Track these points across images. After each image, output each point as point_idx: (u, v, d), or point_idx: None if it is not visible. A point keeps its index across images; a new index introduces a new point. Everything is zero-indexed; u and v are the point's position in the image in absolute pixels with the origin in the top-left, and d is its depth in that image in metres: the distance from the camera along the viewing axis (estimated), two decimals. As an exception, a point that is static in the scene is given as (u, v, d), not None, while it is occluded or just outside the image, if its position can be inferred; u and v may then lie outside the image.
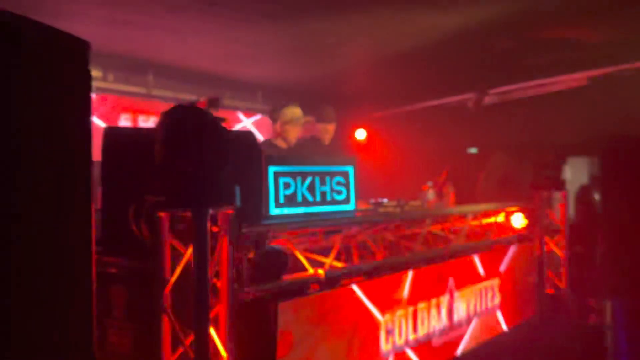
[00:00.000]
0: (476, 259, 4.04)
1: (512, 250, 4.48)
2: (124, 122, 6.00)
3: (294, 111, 4.38)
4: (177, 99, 6.48)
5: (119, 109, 6.06)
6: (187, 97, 6.63)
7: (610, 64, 5.42)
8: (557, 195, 5.22)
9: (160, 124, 2.02)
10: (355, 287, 2.94)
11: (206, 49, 5.46)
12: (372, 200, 4.24)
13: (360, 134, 8.15)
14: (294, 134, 4.40)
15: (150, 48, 5.44)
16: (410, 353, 3.35)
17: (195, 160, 1.97)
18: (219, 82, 6.83)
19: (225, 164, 2.09)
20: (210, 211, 2.02)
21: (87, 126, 1.59)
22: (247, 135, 2.74)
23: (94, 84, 5.92)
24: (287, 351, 2.47)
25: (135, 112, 6.13)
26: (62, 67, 1.51)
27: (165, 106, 5.16)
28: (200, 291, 1.95)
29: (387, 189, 6.02)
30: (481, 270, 4.09)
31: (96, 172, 2.34)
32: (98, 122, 5.78)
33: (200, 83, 6.74)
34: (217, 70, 6.44)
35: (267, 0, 4.04)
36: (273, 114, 4.46)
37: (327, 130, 5.16)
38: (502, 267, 4.37)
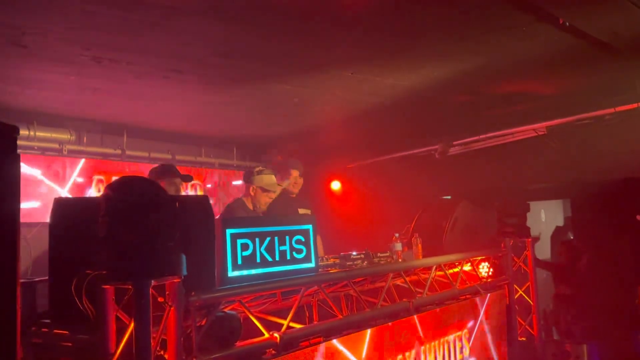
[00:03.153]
0: (443, 311, 4.07)
1: (480, 299, 4.52)
2: (96, 185, 6.04)
3: (270, 178, 4.49)
4: (151, 158, 6.59)
5: (92, 171, 6.12)
6: (162, 156, 6.75)
7: (567, 114, 5.65)
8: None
9: (104, 196, 2.08)
10: (322, 346, 2.94)
11: (176, 111, 5.60)
12: (342, 254, 4.29)
13: (335, 185, 8.29)
14: (266, 200, 4.51)
15: (121, 112, 5.58)
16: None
17: (137, 232, 2.02)
18: (194, 139, 6.97)
19: (171, 234, 2.14)
20: (153, 282, 2.05)
21: (15, 207, 1.65)
22: (201, 200, 2.80)
23: (68, 146, 6.01)
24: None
25: (109, 173, 6.19)
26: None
27: (140, 167, 5.21)
28: (142, 365, 1.96)
29: (361, 239, 6.08)
30: (449, 322, 4.11)
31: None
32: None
33: (174, 142, 6.87)
34: (190, 130, 6.58)
35: (229, 66, 4.21)
36: (248, 177, 4.56)
37: (298, 183, 5.27)
38: (471, 317, 4.39)
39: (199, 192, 7.15)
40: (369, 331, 3.31)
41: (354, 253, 4.32)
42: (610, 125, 5.51)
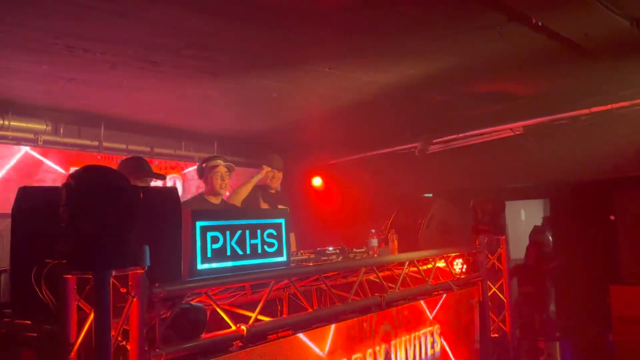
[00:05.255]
0: (414, 306, 4.10)
1: (452, 295, 4.56)
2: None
3: (215, 161, 4.56)
4: (129, 150, 6.54)
5: (68, 163, 6.06)
6: (140, 148, 6.70)
7: (543, 114, 5.72)
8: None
9: (65, 185, 2.06)
10: (295, 339, 2.94)
11: (154, 103, 5.56)
12: (318, 249, 4.31)
13: (317, 181, 8.30)
14: (218, 180, 4.53)
15: (98, 102, 5.52)
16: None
17: (97, 222, 2.01)
18: (173, 132, 6.92)
19: (132, 225, 2.13)
20: (114, 273, 2.04)
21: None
22: (169, 191, 2.78)
23: (43, 137, 5.95)
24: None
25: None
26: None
27: (117, 159, 5.14)
28: (101, 356, 1.95)
29: (341, 235, 6.10)
30: (420, 317, 4.14)
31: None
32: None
33: (153, 134, 6.81)
34: (170, 122, 6.54)
35: (205, 59, 4.19)
36: (201, 169, 4.59)
37: (276, 178, 5.28)
38: (443, 313, 4.43)
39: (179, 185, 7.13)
40: (333, 326, 3.31)
41: (330, 248, 4.35)
42: (586, 126, 5.60)
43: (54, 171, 5.95)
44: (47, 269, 2.08)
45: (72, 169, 6.05)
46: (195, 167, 5.42)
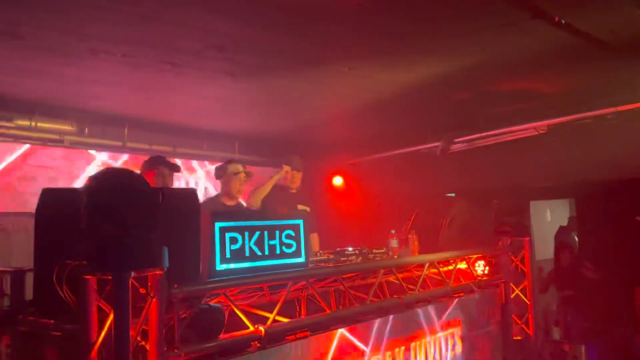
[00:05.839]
0: (435, 308, 4.06)
1: (474, 297, 4.50)
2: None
3: (235, 165, 4.65)
4: (152, 150, 6.62)
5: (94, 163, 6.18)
6: (163, 148, 6.78)
7: (568, 112, 5.60)
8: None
9: (85, 187, 2.10)
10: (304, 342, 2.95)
11: (176, 104, 5.62)
12: (337, 249, 4.30)
13: (337, 181, 8.28)
14: (236, 185, 4.63)
15: (121, 103, 5.61)
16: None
17: (117, 224, 2.04)
18: (195, 133, 6.98)
19: (152, 227, 2.15)
20: (133, 274, 2.07)
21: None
22: (188, 193, 2.81)
23: (69, 138, 6.07)
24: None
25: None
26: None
27: (141, 159, 5.24)
28: (120, 356, 1.98)
29: (361, 235, 6.09)
30: (441, 320, 4.10)
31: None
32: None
33: (176, 134, 6.89)
34: (191, 123, 6.60)
35: (226, 60, 4.21)
36: (219, 172, 4.65)
37: (295, 178, 5.29)
38: (464, 316, 4.37)
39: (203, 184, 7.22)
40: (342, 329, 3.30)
41: (350, 249, 4.33)
42: (612, 125, 5.46)
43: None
44: (67, 269, 2.12)
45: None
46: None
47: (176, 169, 4.36)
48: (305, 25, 3.62)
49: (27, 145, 5.65)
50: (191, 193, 2.86)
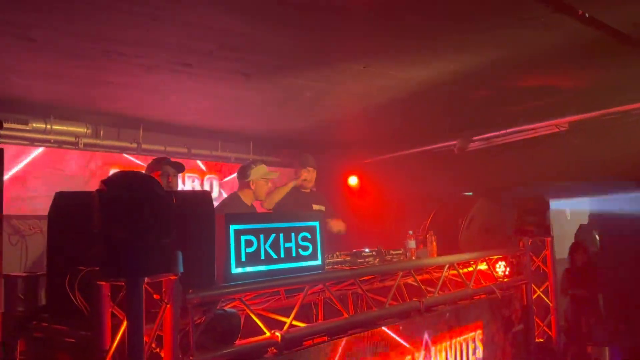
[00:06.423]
0: (454, 311, 3.96)
1: (495, 299, 4.39)
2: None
3: (264, 168, 4.59)
4: (167, 152, 6.61)
5: (108, 165, 6.17)
6: (177, 150, 6.77)
7: (591, 109, 5.45)
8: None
9: (98, 191, 2.05)
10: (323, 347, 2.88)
11: (189, 105, 5.59)
12: (354, 251, 4.22)
13: (353, 180, 8.20)
14: (265, 188, 4.58)
15: (136, 105, 5.59)
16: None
17: (130, 228, 1.98)
18: (210, 133, 6.96)
19: (165, 231, 2.10)
20: (146, 279, 2.02)
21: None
22: (202, 196, 2.76)
23: (84, 140, 6.08)
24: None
25: (124, 167, 6.22)
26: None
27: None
28: (133, 362, 1.93)
29: (377, 235, 5.99)
30: (460, 322, 4.00)
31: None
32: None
33: (190, 135, 6.88)
34: (205, 124, 6.57)
35: (239, 59, 4.16)
36: (245, 172, 4.56)
37: (311, 178, 5.21)
38: (485, 318, 4.27)
39: (215, 187, 7.17)
40: (381, 329, 3.22)
41: (366, 250, 4.24)
42: (636, 121, 5.30)
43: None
44: (80, 275, 2.07)
45: (113, 171, 6.24)
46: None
47: (181, 168, 4.34)
48: (321, 23, 3.56)
49: (42, 148, 5.67)
50: (205, 196, 2.80)
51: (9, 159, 5.27)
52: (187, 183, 6.85)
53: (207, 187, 7.04)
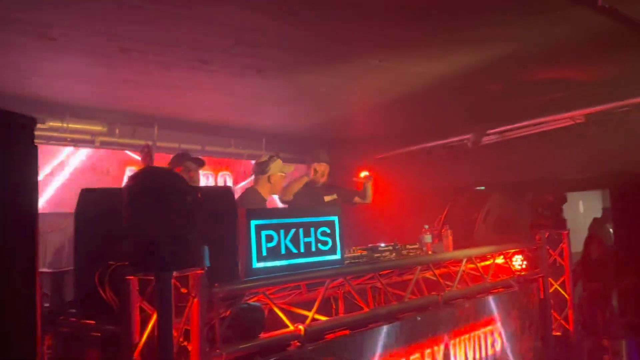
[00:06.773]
0: (474, 305, 3.97)
1: (512, 293, 4.39)
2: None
3: (280, 162, 4.58)
4: (181, 149, 6.64)
5: (124, 163, 6.23)
6: (191, 147, 6.79)
7: (607, 100, 5.40)
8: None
9: (126, 187, 2.08)
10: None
11: (204, 102, 5.62)
12: (370, 245, 4.23)
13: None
14: (282, 182, 4.61)
15: (151, 103, 5.63)
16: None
17: (159, 224, 2.01)
18: (223, 130, 6.98)
19: (192, 226, 2.12)
20: (175, 274, 2.05)
21: (32, 199, 1.66)
22: (224, 191, 2.79)
23: (100, 138, 6.13)
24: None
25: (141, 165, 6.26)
26: (9, 142, 1.58)
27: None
28: (164, 357, 1.96)
29: (391, 230, 6.00)
30: (479, 316, 4.00)
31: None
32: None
33: (204, 133, 6.91)
34: (219, 120, 6.60)
35: (254, 56, 4.17)
36: (263, 167, 4.55)
37: (325, 173, 5.21)
38: (503, 311, 4.27)
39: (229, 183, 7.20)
40: (397, 324, 3.24)
41: (382, 245, 4.25)
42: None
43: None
44: (110, 270, 2.10)
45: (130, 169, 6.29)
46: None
47: (201, 163, 4.44)
48: (336, 18, 3.56)
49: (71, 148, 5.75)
50: (227, 191, 2.84)
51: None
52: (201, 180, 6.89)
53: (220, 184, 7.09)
